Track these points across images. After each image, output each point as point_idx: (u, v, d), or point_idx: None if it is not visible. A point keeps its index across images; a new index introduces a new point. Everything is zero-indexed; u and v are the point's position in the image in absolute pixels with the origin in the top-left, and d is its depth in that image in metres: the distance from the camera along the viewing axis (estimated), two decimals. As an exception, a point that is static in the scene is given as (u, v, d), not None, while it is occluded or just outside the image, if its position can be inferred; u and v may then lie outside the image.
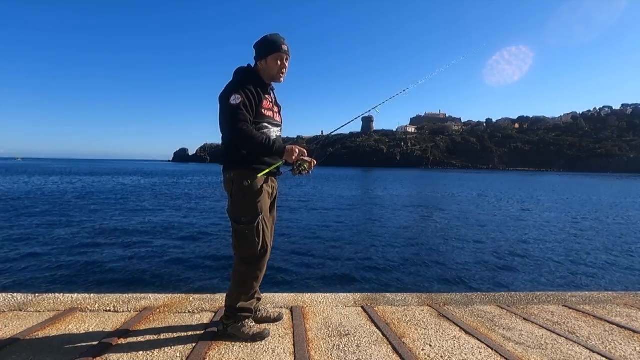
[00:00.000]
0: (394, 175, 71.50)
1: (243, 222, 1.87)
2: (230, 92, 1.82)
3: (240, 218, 1.88)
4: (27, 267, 7.26)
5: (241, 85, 1.84)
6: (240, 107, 1.78)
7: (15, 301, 2.40)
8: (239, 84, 1.86)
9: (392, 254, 9.07)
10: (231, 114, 1.78)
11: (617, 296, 2.87)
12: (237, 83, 1.88)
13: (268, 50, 1.94)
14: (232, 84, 1.89)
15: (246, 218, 1.87)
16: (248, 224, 1.87)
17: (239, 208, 1.89)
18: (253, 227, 1.87)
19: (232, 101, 1.78)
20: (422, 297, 2.69)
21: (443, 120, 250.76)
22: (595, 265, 8.53)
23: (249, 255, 1.91)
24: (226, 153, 1.92)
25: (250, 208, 1.88)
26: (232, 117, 1.78)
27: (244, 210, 1.88)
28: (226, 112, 1.81)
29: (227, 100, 1.79)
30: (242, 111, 1.78)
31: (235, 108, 1.77)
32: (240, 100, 1.78)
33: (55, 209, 15.87)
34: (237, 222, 1.89)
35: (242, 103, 1.78)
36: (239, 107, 1.77)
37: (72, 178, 42.23)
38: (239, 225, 1.89)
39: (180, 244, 9.56)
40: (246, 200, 1.88)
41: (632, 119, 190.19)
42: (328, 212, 16.83)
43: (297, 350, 1.79)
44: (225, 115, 1.81)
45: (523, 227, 13.65)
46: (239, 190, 1.88)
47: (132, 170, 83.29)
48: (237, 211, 1.90)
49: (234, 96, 1.79)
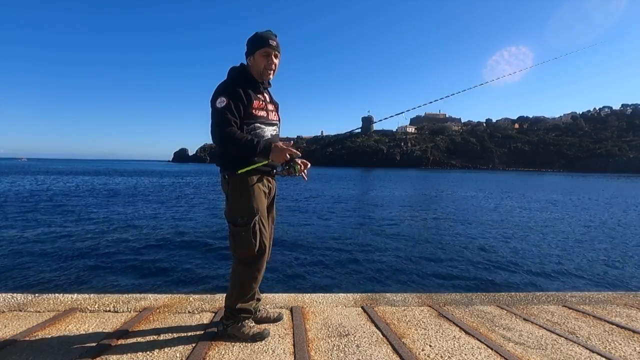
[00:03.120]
0: (393, 175, 71.47)
1: (239, 222, 1.87)
2: (217, 95, 1.83)
3: (237, 219, 1.88)
4: (27, 267, 7.25)
5: (228, 88, 1.85)
6: (224, 111, 1.79)
7: (15, 301, 2.40)
8: (227, 86, 1.87)
9: (392, 254, 9.07)
10: (215, 117, 1.80)
11: (617, 296, 2.87)
12: (224, 85, 1.88)
13: (255, 45, 1.94)
14: (220, 86, 1.89)
15: (242, 219, 1.87)
16: (244, 225, 1.86)
17: (235, 209, 1.89)
18: (249, 227, 1.86)
19: (218, 104, 1.80)
20: (422, 297, 2.69)
21: (443, 120, 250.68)
22: (595, 265, 8.53)
23: (246, 256, 1.90)
24: (221, 154, 1.94)
25: (246, 209, 1.87)
26: (216, 120, 1.80)
27: (239, 211, 1.88)
28: (212, 115, 1.83)
29: (214, 103, 1.82)
30: (226, 115, 1.79)
31: (219, 111, 1.79)
32: (225, 103, 1.79)
33: (55, 208, 15.85)
34: (234, 223, 1.89)
35: (226, 106, 1.79)
36: (223, 110, 1.79)
37: (73, 178, 42.21)
38: (235, 226, 1.88)
39: (180, 244, 9.55)
40: (241, 200, 1.88)
41: (632, 119, 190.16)
42: (328, 212, 16.82)
43: (297, 351, 1.79)
44: (211, 118, 1.83)
45: (523, 227, 13.65)
46: (234, 191, 1.89)
47: (132, 170, 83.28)
48: (233, 212, 1.89)
49: (219, 99, 1.81)
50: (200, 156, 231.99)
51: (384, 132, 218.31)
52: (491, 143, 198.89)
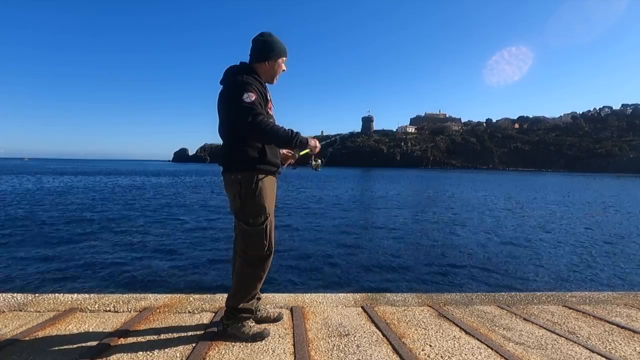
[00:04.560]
0: (393, 175, 71.47)
1: (252, 223, 1.86)
2: (241, 91, 1.76)
3: (249, 220, 1.86)
4: (27, 267, 7.26)
5: (252, 83, 1.82)
6: (255, 104, 1.75)
7: (15, 301, 2.40)
8: (248, 82, 1.81)
9: (392, 254, 9.07)
10: (248, 111, 1.73)
11: (617, 296, 2.87)
12: (245, 81, 1.82)
13: (274, 52, 1.94)
14: (239, 83, 1.81)
15: (254, 219, 1.86)
16: (257, 226, 1.86)
17: (248, 210, 1.87)
18: (262, 228, 1.86)
19: (246, 99, 1.73)
20: (422, 297, 2.69)
21: (443, 120, 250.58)
22: (595, 265, 8.54)
23: (255, 257, 1.90)
24: (230, 154, 1.89)
25: (259, 209, 1.87)
26: (250, 114, 1.72)
27: (253, 212, 1.86)
28: (242, 111, 1.74)
29: (240, 99, 1.74)
30: (259, 108, 1.76)
31: (251, 105, 1.74)
32: (255, 98, 1.76)
33: (56, 208, 15.86)
34: (246, 224, 1.87)
35: (256, 99, 1.77)
36: (254, 103, 1.75)
37: (74, 178, 42.21)
38: (247, 227, 1.87)
39: (180, 244, 9.56)
40: (255, 201, 1.86)
41: (632, 119, 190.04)
42: (328, 212, 16.82)
43: (297, 351, 1.79)
44: (242, 114, 1.74)
45: (523, 227, 13.65)
46: (248, 191, 1.85)
47: (132, 170, 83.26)
48: (246, 213, 1.87)
49: (246, 94, 1.74)
50: (200, 156, 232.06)
51: (384, 132, 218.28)
52: (491, 143, 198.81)
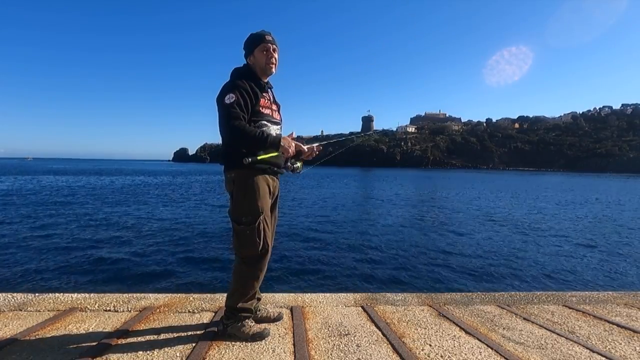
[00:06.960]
0: (393, 175, 71.47)
1: (244, 222, 1.87)
2: (225, 92, 1.85)
3: (241, 218, 1.88)
4: (27, 267, 7.26)
5: (235, 85, 1.87)
6: (233, 106, 1.81)
7: (15, 301, 2.40)
8: (234, 84, 1.88)
9: (392, 253, 9.07)
10: (224, 112, 1.81)
11: (617, 296, 2.87)
12: (231, 83, 1.90)
13: (253, 43, 1.98)
14: (227, 84, 1.91)
15: (247, 218, 1.87)
16: (249, 224, 1.87)
17: (240, 208, 1.89)
18: (254, 227, 1.87)
19: (226, 100, 1.82)
20: (422, 297, 2.69)
21: (443, 120, 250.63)
22: (595, 265, 8.54)
23: (249, 256, 1.91)
24: (226, 153, 1.93)
25: (251, 208, 1.88)
26: (225, 115, 1.81)
27: (244, 211, 1.88)
28: (220, 112, 1.85)
29: (222, 100, 1.83)
30: (235, 109, 1.81)
31: (228, 107, 1.80)
32: (234, 99, 1.81)
33: (56, 208, 15.86)
34: (238, 223, 1.89)
35: (235, 101, 1.81)
36: (232, 105, 1.81)
37: (75, 177, 42.21)
38: (239, 226, 1.88)
39: (180, 244, 9.56)
40: (247, 200, 1.88)
41: (632, 118, 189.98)
42: (328, 211, 16.82)
43: (297, 350, 1.79)
44: (221, 114, 1.84)
45: (523, 227, 13.65)
46: (240, 190, 1.89)
47: (133, 170, 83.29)
48: (238, 211, 1.90)
49: (228, 95, 1.82)
50: (200, 156, 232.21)
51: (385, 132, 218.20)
52: (491, 143, 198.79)
